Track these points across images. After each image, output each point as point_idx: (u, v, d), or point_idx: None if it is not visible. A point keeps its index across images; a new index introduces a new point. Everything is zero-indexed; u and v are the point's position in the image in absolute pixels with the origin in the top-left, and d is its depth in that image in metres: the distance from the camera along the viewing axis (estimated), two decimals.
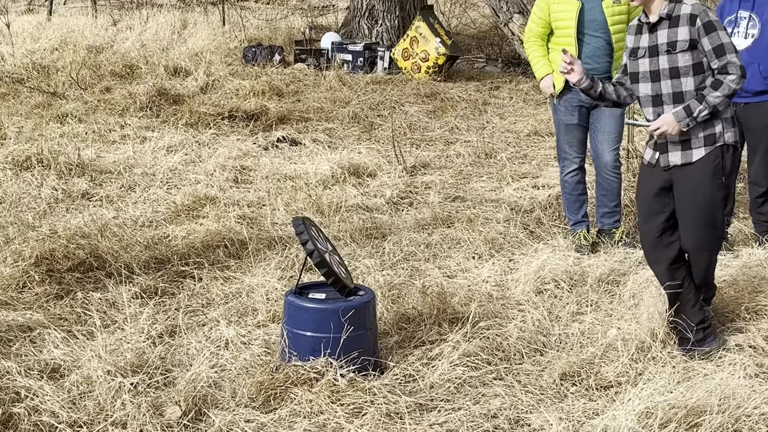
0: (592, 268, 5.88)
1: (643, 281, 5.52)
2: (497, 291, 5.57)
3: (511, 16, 12.48)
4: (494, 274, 5.82)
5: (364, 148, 8.90)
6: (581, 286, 5.61)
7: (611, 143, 6.35)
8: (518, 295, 5.48)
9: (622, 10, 6.19)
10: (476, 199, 7.53)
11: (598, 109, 6.29)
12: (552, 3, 6.22)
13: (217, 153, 8.63)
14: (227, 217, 6.84)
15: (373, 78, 12.37)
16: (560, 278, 5.67)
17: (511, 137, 9.61)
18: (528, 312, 5.18)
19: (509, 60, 13.53)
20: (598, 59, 6.19)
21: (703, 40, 4.52)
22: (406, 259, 6.13)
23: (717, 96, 4.48)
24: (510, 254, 6.25)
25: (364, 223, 6.82)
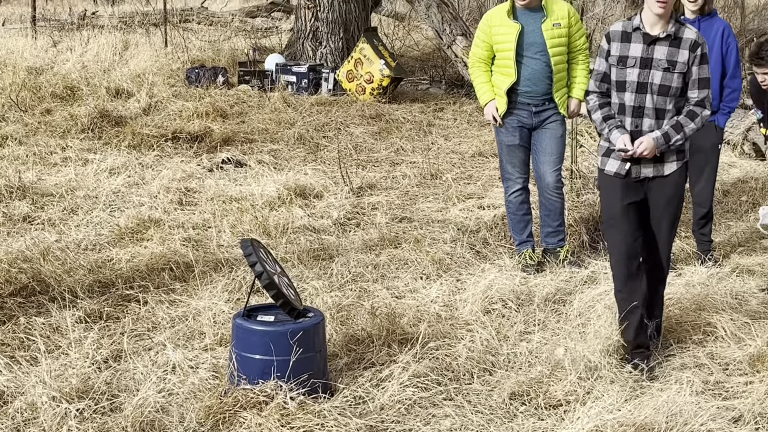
0: (538, 288, 5.92)
1: (589, 300, 5.59)
2: (445, 311, 5.57)
3: (454, 38, 12.58)
4: (442, 295, 5.82)
5: (310, 170, 8.87)
6: (528, 306, 5.64)
7: (553, 164, 6.41)
8: (466, 315, 5.48)
9: (562, 33, 6.26)
10: (423, 220, 7.54)
11: (540, 130, 6.36)
12: (493, 26, 6.27)
13: (161, 175, 8.53)
14: (172, 239, 6.75)
15: (317, 99, 12.36)
16: (507, 298, 5.68)
17: (456, 158, 9.65)
18: (476, 332, 5.18)
19: (453, 82, 13.60)
20: (538, 81, 6.25)
21: (694, 68, 4.64)
22: (354, 280, 6.10)
23: (692, 128, 4.66)
24: (457, 274, 6.26)
25: (311, 245, 6.78)
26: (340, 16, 13.68)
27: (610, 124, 4.75)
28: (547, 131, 6.35)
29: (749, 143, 9.56)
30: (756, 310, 5.62)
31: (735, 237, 7.26)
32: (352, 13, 13.74)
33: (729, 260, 6.65)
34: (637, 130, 4.70)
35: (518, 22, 6.18)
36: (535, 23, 6.20)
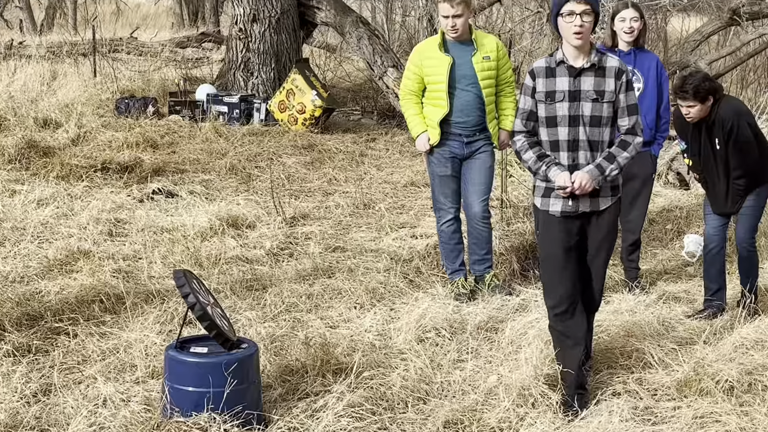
0: (471, 316, 5.97)
1: (520, 327, 5.64)
2: (380, 340, 5.57)
3: (385, 69, 12.68)
4: (376, 324, 5.82)
5: (242, 200, 8.83)
6: (461, 334, 5.67)
7: (481, 194, 6.49)
8: (400, 344, 5.48)
9: (491, 66, 6.37)
10: (356, 249, 7.55)
11: (470, 160, 6.45)
12: (424, 58, 6.34)
13: (91, 206, 8.40)
14: (102, 271, 6.66)
15: (249, 130, 12.31)
16: (441, 326, 5.71)
17: (389, 188, 9.70)
18: (410, 360, 5.20)
19: (384, 112, 13.68)
20: (470, 112, 6.34)
21: (621, 95, 4.62)
22: (287, 311, 6.08)
23: (626, 157, 4.63)
24: (391, 303, 6.28)
25: (244, 275, 6.76)
26: (272, 47, 13.69)
27: (547, 162, 4.65)
28: (477, 161, 6.44)
29: (673, 173, 9.78)
30: (682, 337, 5.73)
31: (661, 264, 7.40)
32: (283, 44, 13.76)
33: (656, 287, 6.78)
34: (574, 164, 4.63)
35: (449, 54, 6.28)
36: (465, 56, 6.29)
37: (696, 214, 8.47)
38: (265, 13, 13.53)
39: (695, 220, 8.34)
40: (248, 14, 13.56)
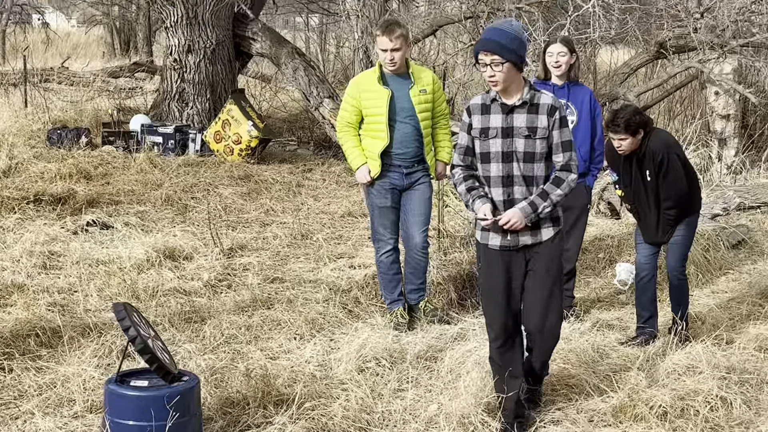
0: (410, 345, 6.00)
1: (459, 356, 5.68)
2: (320, 371, 5.58)
3: (321, 100, 12.74)
4: (316, 354, 5.84)
5: (179, 231, 8.77)
6: (401, 363, 5.70)
7: (421, 225, 6.56)
8: (341, 374, 5.50)
9: (428, 99, 6.46)
10: (295, 280, 7.55)
11: (409, 191, 6.51)
12: (363, 91, 6.39)
13: (23, 238, 8.25)
14: (37, 304, 6.55)
15: (185, 160, 12.24)
16: (381, 356, 5.73)
17: (326, 218, 9.73)
18: (351, 391, 5.22)
19: (320, 143, 13.72)
20: (408, 144, 6.41)
21: (555, 132, 4.66)
22: (227, 342, 6.07)
23: (559, 194, 4.67)
24: (331, 334, 6.30)
25: (182, 307, 6.72)
26: (207, 77, 13.66)
27: (473, 194, 4.74)
28: (417, 192, 6.52)
29: (605, 203, 9.97)
30: (616, 363, 5.80)
31: (594, 293, 7.53)
32: (218, 75, 13.74)
33: (589, 315, 6.89)
34: (509, 200, 4.70)
35: (388, 87, 6.35)
36: (403, 89, 6.37)
37: (627, 243, 8.61)
38: (200, 44, 13.52)
39: (626, 249, 8.47)
40: (183, 45, 13.53)
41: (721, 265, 8.17)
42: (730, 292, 7.49)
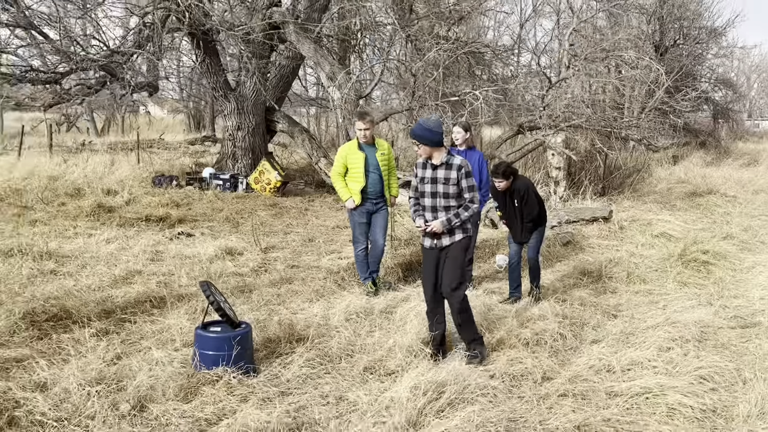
0: (376, 305, 6.01)
1: (406, 311, 5.70)
2: (323, 321, 5.59)
3: (319, 159, 12.73)
4: (320, 311, 5.84)
5: (234, 237, 8.70)
6: (371, 315, 5.73)
7: (383, 233, 6.57)
8: (335, 323, 5.52)
9: (386, 158, 6.49)
10: (306, 266, 7.52)
11: (376, 214, 6.50)
12: (348, 154, 6.40)
13: (140, 243, 8.17)
14: (150, 282, 6.52)
15: (236, 195, 12.18)
16: (359, 311, 5.76)
17: (324, 229, 9.70)
18: (342, 332, 5.25)
19: (318, 184, 13.71)
20: (376, 185, 6.43)
21: (463, 181, 4.73)
22: (266, 305, 6.04)
23: (466, 215, 4.72)
24: (328, 299, 6.29)
25: (237, 283, 6.67)
26: (249, 145, 13.59)
27: (416, 213, 4.86)
28: (381, 214, 6.54)
29: (488, 219, 10.07)
30: (498, 314, 5.87)
31: (483, 273, 7.57)
32: (256, 143, 13.67)
33: (481, 286, 6.95)
34: (435, 218, 4.79)
35: (363, 152, 6.38)
36: (372, 152, 6.41)
37: (501, 243, 8.71)
38: (245, 124, 13.45)
39: (501, 246, 8.58)
40: (234, 125, 13.46)
41: (557, 256, 8.28)
42: (562, 272, 7.61)
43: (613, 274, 7.33)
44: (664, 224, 9.82)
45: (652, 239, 9.04)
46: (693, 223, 10.33)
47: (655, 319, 5.69)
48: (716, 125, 25.44)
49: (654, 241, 8.92)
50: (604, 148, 12.26)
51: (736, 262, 7.61)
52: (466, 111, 10.77)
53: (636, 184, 13.80)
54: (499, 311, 5.98)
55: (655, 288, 6.85)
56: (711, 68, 25.54)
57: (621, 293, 6.70)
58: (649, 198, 12.41)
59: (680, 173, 15.73)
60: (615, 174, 13.63)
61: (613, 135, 12.24)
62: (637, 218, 10.34)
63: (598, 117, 11.84)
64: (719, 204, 12.00)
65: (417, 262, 7.50)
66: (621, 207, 11.36)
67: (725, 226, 10.12)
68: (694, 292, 6.65)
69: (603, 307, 6.17)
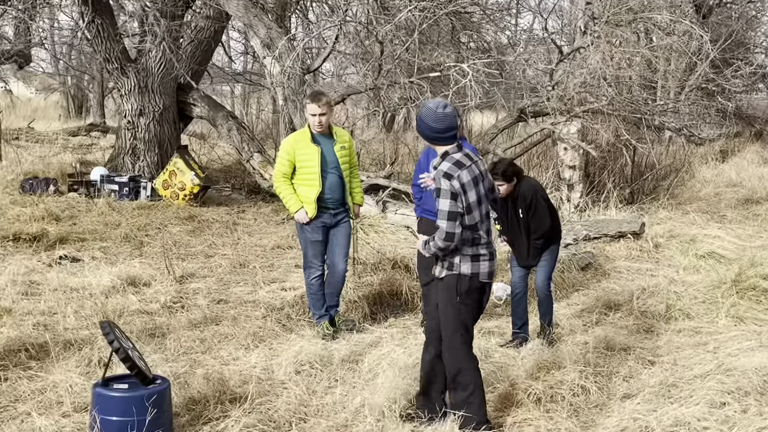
0: (336, 351, 6.07)
1: (376, 359, 5.78)
2: (264, 374, 5.62)
3: (251, 154, 12.77)
4: (260, 360, 5.87)
5: (137, 263, 8.68)
6: (330, 366, 5.79)
7: (344, 255, 6.66)
8: (281, 376, 5.56)
9: (347, 153, 6.59)
10: (237, 301, 7.55)
11: (335, 228, 6.60)
12: (297, 148, 6.46)
13: (6, 270, 8.05)
14: (24, 325, 6.45)
15: (138, 204, 12.10)
16: (313, 360, 5.82)
17: (260, 250, 9.71)
18: (291, 389, 5.29)
19: (251, 189, 13.71)
20: (335, 190, 6.52)
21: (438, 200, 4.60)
22: (185, 353, 6.06)
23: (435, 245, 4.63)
24: (270, 344, 6.32)
25: (145, 325, 6.67)
26: (155, 136, 13.55)
27: None
28: (341, 229, 6.62)
29: None
30: (499, 361, 5.97)
31: None
32: (165, 134, 13.64)
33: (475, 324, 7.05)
34: None
35: (318, 145, 6.45)
36: (329, 146, 6.49)
37: (501, 267, 8.85)
38: (150, 108, 13.42)
39: (500, 272, 8.71)
40: (135, 109, 13.41)
41: (573, 284, 8.43)
42: (581, 305, 7.73)
43: (648, 307, 7.53)
44: (712, 241, 10.13)
45: (697, 261, 9.31)
46: (749, 240, 10.67)
47: (704, 366, 5.87)
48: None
49: (700, 264, 9.20)
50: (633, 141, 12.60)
51: None
52: (450, 91, 10.96)
53: (674, 189, 14.19)
54: (501, 358, 6.04)
55: (703, 325, 7.07)
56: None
57: (659, 333, 6.89)
58: (691, 206, 12.77)
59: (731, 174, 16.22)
60: (647, 175, 14.01)
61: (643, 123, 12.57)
62: (676, 233, 10.63)
63: (623, 99, 12.17)
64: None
65: (388, 293, 7.61)
66: (655, 218, 11.66)
67: None
68: (754, 330, 6.88)
69: (636, 351, 6.34)
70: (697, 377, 5.62)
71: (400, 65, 11.43)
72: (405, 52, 11.24)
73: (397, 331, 6.72)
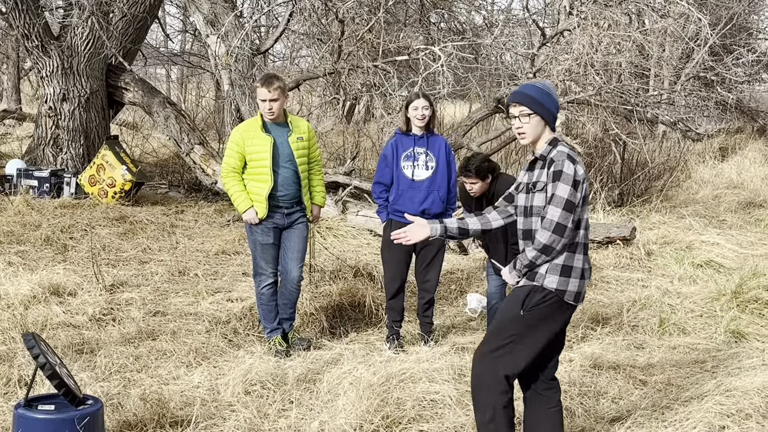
0: (291, 369, 6.09)
1: (335, 378, 5.80)
2: (209, 395, 5.62)
3: (192, 147, 12.75)
4: (205, 380, 5.87)
5: (61, 269, 8.60)
6: (284, 386, 5.80)
7: (298, 261, 6.69)
8: (229, 397, 5.56)
9: (305, 146, 6.63)
10: (176, 313, 7.54)
11: (289, 230, 6.63)
12: (247, 138, 6.48)
13: None
14: None
15: (60, 203, 12.03)
16: (265, 379, 5.81)
17: (202, 256, 9.71)
18: (240, 411, 5.29)
19: (191, 186, 13.69)
20: (289, 187, 6.54)
21: (549, 185, 4.30)
22: (118, 371, 6.03)
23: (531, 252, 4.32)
24: (215, 361, 6.33)
25: (72, 339, 6.63)
26: (81, 124, 13.47)
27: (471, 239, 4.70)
28: (296, 231, 6.65)
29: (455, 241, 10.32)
30: None
31: (449, 320, 7.77)
32: (92, 122, 13.58)
33: (447, 339, 7.12)
34: None
35: (270, 135, 6.48)
36: (283, 136, 6.52)
37: (475, 276, 8.95)
38: (75, 92, 13.34)
39: (475, 281, 8.81)
40: (58, 93, 13.32)
41: None
42: None
43: (640, 321, 7.66)
44: (711, 248, 10.34)
45: (693, 270, 9.50)
46: (751, 247, 10.90)
47: (702, 386, 6.01)
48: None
49: (697, 274, 9.38)
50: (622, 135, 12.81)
51: None
52: (419, 77, 11.06)
53: (669, 190, 14.44)
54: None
55: (700, 341, 7.22)
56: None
57: (651, 349, 7.02)
58: (687, 210, 13.01)
59: (731, 173, 16.54)
60: (638, 174, 14.23)
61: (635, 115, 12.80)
62: (671, 239, 10.83)
63: (613, 89, 12.37)
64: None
65: (349, 304, 7.66)
66: (648, 223, 11.86)
67: None
68: (756, 347, 7.05)
69: (626, 369, 6.46)
70: (694, 398, 5.75)
71: (363, 47, 11.50)
72: (368, 32, 11.32)
73: (359, 347, 6.77)
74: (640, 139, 13.63)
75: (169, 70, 27.34)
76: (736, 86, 18.66)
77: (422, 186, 6.74)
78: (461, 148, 12.24)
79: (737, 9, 20.26)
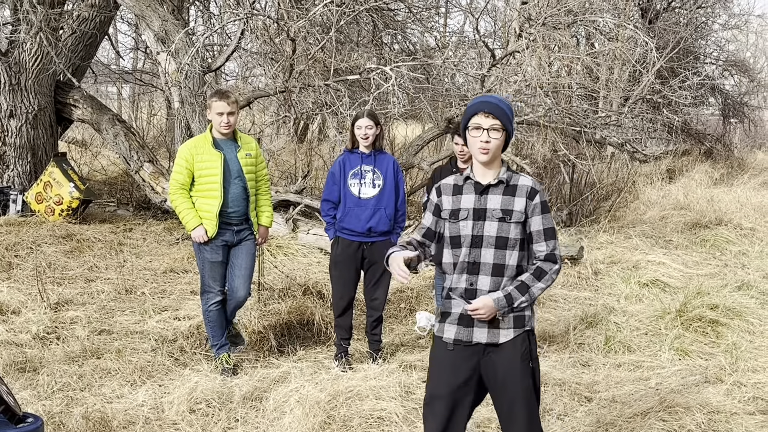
0: (237, 387, 6.08)
1: (282, 396, 5.81)
2: (154, 413, 5.60)
3: (141, 164, 12.66)
4: (149, 398, 5.84)
5: (4, 287, 8.51)
6: (230, 404, 5.79)
7: (246, 278, 6.66)
8: (173, 416, 5.54)
9: (253, 162, 6.63)
10: (122, 332, 7.49)
11: (237, 247, 6.61)
12: (196, 154, 6.46)
13: None
14: None
15: (6, 220, 11.87)
16: (210, 398, 5.81)
17: (149, 274, 9.64)
18: (183, 430, 5.29)
19: (140, 204, 13.58)
20: (239, 203, 6.53)
21: (535, 218, 3.94)
22: (61, 390, 5.98)
23: (540, 287, 3.97)
24: (160, 380, 6.30)
25: (14, 358, 6.56)
26: (28, 141, 13.29)
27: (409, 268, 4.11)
28: (243, 248, 6.63)
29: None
30: (420, 398, 6.01)
31: (398, 338, 7.80)
32: (40, 139, 13.41)
33: (395, 357, 7.15)
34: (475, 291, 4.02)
35: (221, 151, 6.47)
36: (232, 152, 6.52)
37: (424, 294, 8.99)
38: (23, 109, 13.17)
39: (423, 300, 8.85)
40: (5, 110, 13.14)
41: None
42: None
43: (586, 339, 7.76)
44: (657, 268, 10.50)
45: (639, 289, 9.64)
46: (696, 267, 11.09)
47: (645, 403, 6.09)
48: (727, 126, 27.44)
49: (643, 292, 9.52)
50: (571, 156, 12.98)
51: (755, 323, 8.27)
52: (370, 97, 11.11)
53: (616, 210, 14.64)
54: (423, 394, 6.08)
55: (645, 359, 7.32)
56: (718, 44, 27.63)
57: (597, 367, 7.11)
58: (634, 230, 13.20)
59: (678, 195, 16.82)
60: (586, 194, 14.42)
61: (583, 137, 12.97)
62: (618, 259, 10.98)
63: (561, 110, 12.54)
64: (732, 240, 12.96)
65: (298, 322, 7.65)
66: (595, 242, 12.01)
67: (740, 271, 10.95)
68: (699, 365, 7.17)
69: (572, 386, 6.53)
70: (638, 415, 5.82)
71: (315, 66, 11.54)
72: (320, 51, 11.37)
73: (307, 366, 6.76)
74: (588, 160, 13.83)
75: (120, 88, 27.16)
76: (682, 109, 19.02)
77: (369, 204, 6.78)
78: (412, 167, 12.31)
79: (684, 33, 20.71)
